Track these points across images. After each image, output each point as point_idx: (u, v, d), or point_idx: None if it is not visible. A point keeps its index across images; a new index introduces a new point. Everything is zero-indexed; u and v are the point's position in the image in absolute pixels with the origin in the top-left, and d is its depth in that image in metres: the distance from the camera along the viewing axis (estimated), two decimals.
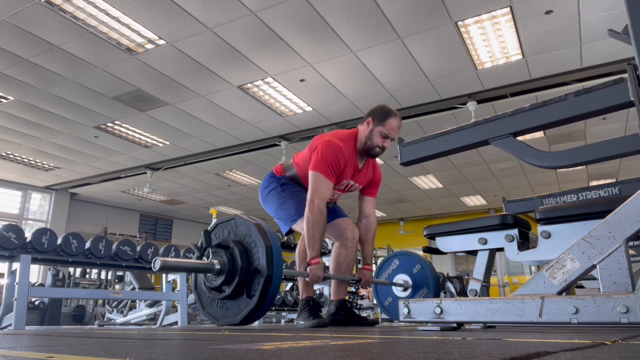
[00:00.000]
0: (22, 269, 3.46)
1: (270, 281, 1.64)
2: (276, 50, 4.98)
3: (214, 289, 1.75)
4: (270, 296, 1.65)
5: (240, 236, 1.77)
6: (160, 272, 1.55)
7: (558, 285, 1.33)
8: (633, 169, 9.05)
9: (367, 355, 0.73)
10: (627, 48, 1.47)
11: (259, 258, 1.68)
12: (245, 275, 1.68)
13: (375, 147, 2.46)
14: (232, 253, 1.71)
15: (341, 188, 2.57)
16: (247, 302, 1.68)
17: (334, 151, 2.36)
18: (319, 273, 2.25)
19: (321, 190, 2.31)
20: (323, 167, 2.33)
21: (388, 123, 2.45)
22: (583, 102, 1.47)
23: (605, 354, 0.74)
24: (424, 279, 2.70)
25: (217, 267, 1.71)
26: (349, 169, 2.47)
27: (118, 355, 0.79)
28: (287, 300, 5.44)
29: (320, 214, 2.28)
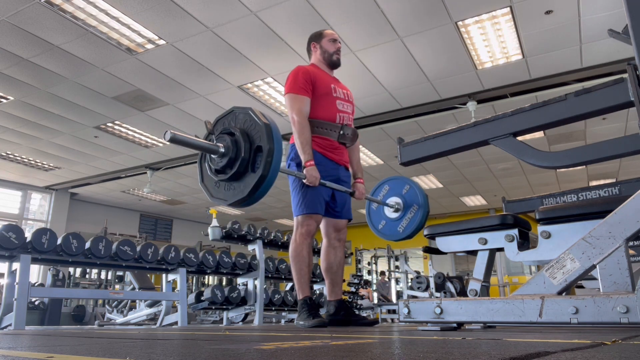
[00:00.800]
0: (22, 269, 3.46)
1: (272, 153, 1.73)
2: (276, 50, 4.98)
3: (220, 171, 1.84)
4: (273, 168, 1.74)
5: (240, 123, 1.84)
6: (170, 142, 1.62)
7: (558, 285, 1.33)
8: (633, 169, 9.05)
9: (367, 355, 0.73)
10: (627, 48, 1.47)
11: (259, 137, 1.77)
12: (248, 153, 1.78)
13: (333, 54, 2.75)
14: (235, 137, 1.82)
15: (340, 96, 2.69)
16: (253, 176, 1.77)
17: (297, 71, 2.59)
18: (315, 174, 2.36)
19: (296, 105, 2.50)
20: (292, 86, 2.53)
21: (325, 33, 2.79)
22: (583, 102, 1.47)
23: (605, 354, 0.74)
24: (414, 197, 2.76)
25: (222, 150, 1.81)
26: (324, 77, 2.67)
27: (118, 355, 0.79)
28: (287, 300, 5.44)
29: (300, 125, 2.46)
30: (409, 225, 2.73)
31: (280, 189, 9.92)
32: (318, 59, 2.78)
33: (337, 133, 2.59)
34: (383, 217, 2.88)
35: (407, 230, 2.73)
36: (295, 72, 2.59)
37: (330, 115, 2.60)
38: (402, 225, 2.76)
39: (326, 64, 2.77)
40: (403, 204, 2.78)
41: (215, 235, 4.70)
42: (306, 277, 2.55)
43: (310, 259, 2.56)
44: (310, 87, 2.56)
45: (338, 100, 2.66)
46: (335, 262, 2.65)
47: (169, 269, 4.53)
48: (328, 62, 2.76)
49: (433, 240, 2.19)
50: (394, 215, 2.82)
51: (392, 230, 2.83)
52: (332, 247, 2.66)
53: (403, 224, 2.76)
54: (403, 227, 2.75)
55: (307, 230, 2.53)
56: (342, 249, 2.70)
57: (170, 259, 4.47)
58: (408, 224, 2.73)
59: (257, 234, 5.09)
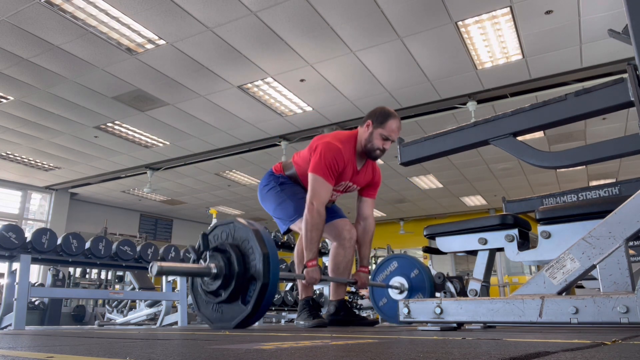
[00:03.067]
0: (22, 269, 3.46)
1: (266, 289, 1.64)
2: (276, 50, 4.98)
3: (210, 292, 1.76)
4: (265, 303, 1.66)
5: (238, 240, 1.77)
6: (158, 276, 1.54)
7: (558, 285, 1.33)
8: (633, 169, 9.05)
9: (367, 355, 0.73)
10: (627, 48, 1.47)
11: (255, 265, 1.68)
12: (241, 280, 1.69)
13: (376, 150, 2.47)
14: (229, 257, 1.72)
15: (340, 189, 2.57)
16: (242, 309, 1.68)
17: (333, 153, 2.36)
18: (316, 276, 2.27)
19: (320, 193, 2.32)
20: (322, 169, 2.34)
21: (388, 125, 2.45)
22: (583, 102, 1.47)
23: (605, 354, 0.74)
24: (421, 284, 2.71)
25: (214, 272, 1.71)
26: (348, 170, 2.47)
27: (118, 355, 0.79)
28: (287, 300, 5.44)
29: (319, 216, 2.29)
30: None
31: None
32: (360, 142, 2.50)
33: None
34: (386, 295, 2.84)
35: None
36: (330, 151, 2.37)
37: None
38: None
39: (363, 152, 2.52)
40: (408, 287, 2.72)
41: None
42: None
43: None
44: (337, 175, 2.41)
45: (336, 192, 2.55)
46: (343, 263, 2.57)
47: None
48: (366, 153, 2.51)
49: (433, 240, 2.19)
50: (397, 296, 2.75)
51: (391, 312, 2.79)
52: (342, 248, 2.56)
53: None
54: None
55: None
56: (352, 250, 2.60)
57: (170, 259, 4.47)
58: None
59: None
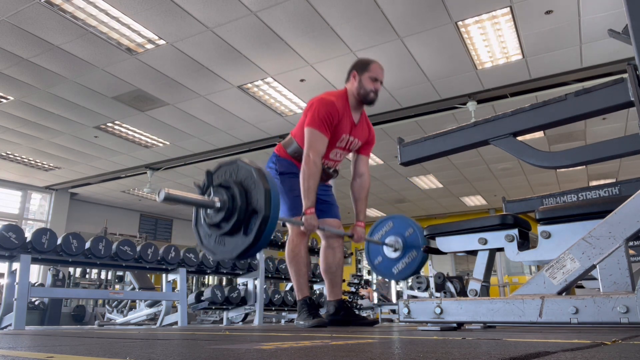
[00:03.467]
0: (22, 269, 3.46)
1: (267, 221, 1.70)
2: (276, 50, 4.98)
3: (213, 225, 1.83)
4: (265, 235, 1.72)
5: (241, 178, 1.84)
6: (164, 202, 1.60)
7: (558, 285, 1.33)
8: (633, 169, 9.05)
9: (367, 355, 0.73)
10: (627, 48, 1.46)
11: (257, 200, 1.75)
12: (243, 214, 1.75)
13: (370, 92, 2.56)
14: (233, 193, 1.78)
15: (342, 145, 2.62)
16: (244, 240, 1.75)
17: (327, 106, 2.45)
18: (314, 222, 2.34)
19: (316, 144, 2.42)
20: (317, 122, 2.42)
21: (372, 68, 2.57)
22: (583, 102, 1.47)
23: (605, 354, 0.74)
24: (415, 242, 2.75)
25: (218, 205, 1.78)
26: (345, 123, 2.54)
27: (118, 355, 0.79)
28: (287, 300, 5.44)
29: (315, 166, 2.39)
30: (405, 269, 2.72)
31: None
32: (352, 92, 2.59)
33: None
34: (381, 253, 2.87)
35: (402, 274, 2.74)
36: (323, 104, 2.45)
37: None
38: (397, 267, 2.76)
39: (358, 100, 2.59)
40: (403, 246, 2.76)
41: None
42: (305, 277, 2.55)
43: (308, 258, 2.56)
44: (332, 127, 2.47)
45: (337, 149, 2.60)
46: (334, 263, 2.65)
47: (169, 269, 4.54)
48: (362, 99, 2.58)
49: (433, 240, 2.19)
50: (392, 255, 2.80)
51: (387, 270, 2.83)
52: (331, 248, 2.66)
53: (399, 266, 2.75)
54: (399, 269, 2.75)
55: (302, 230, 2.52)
56: (341, 249, 2.69)
57: (170, 259, 4.47)
58: (404, 267, 2.73)
59: None
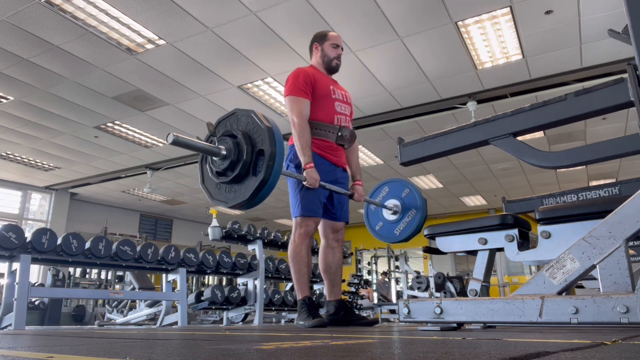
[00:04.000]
0: (22, 269, 3.46)
1: (274, 157, 1.73)
2: (276, 50, 4.98)
3: (221, 173, 1.84)
4: (274, 172, 1.74)
5: (242, 125, 1.84)
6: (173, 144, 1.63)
7: (558, 285, 1.33)
8: (633, 169, 9.05)
9: (367, 355, 0.73)
10: (627, 48, 1.46)
11: (262, 140, 1.77)
12: (250, 156, 1.78)
13: (333, 60, 2.74)
14: (237, 139, 1.81)
15: (339, 97, 2.70)
16: (254, 180, 1.76)
17: (297, 74, 2.58)
18: (315, 175, 2.38)
19: (296, 108, 2.51)
20: (292, 88, 2.54)
21: (330, 36, 2.76)
22: (583, 102, 1.47)
23: (605, 354, 0.74)
24: (412, 201, 2.76)
25: (224, 153, 1.81)
26: (323, 80, 2.66)
27: (118, 355, 0.79)
28: (287, 300, 5.44)
29: (300, 127, 2.47)
30: (406, 229, 2.73)
31: (281, 189, 9.91)
32: (317, 62, 2.78)
33: (335, 135, 2.61)
34: (381, 218, 2.89)
35: (404, 234, 2.74)
36: (295, 74, 2.60)
37: (328, 117, 2.62)
38: (399, 228, 2.77)
39: (324, 68, 2.77)
40: (402, 207, 2.79)
41: (215, 235, 4.70)
42: (305, 277, 2.56)
43: (309, 259, 2.57)
44: (310, 89, 2.57)
45: (337, 102, 2.68)
46: (334, 263, 2.67)
47: (169, 269, 4.53)
48: (327, 66, 2.76)
49: (433, 240, 2.19)
50: (391, 217, 2.82)
51: (389, 233, 2.84)
52: (330, 248, 2.68)
53: (400, 226, 2.76)
54: (400, 229, 2.76)
55: (305, 231, 2.54)
56: (341, 249, 2.72)
57: (170, 259, 4.47)
58: (405, 227, 2.74)
59: (257, 234, 5.09)
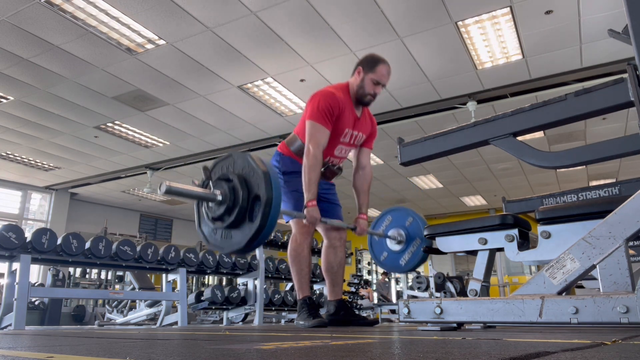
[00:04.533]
0: (22, 269, 3.46)
1: (270, 203, 1.69)
2: (276, 50, 4.98)
3: (217, 219, 1.82)
4: (271, 218, 1.70)
5: (238, 169, 1.83)
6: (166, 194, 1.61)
7: (558, 285, 1.33)
8: (633, 169, 9.05)
9: (367, 355, 0.73)
10: (627, 48, 1.46)
11: (258, 185, 1.74)
12: (246, 202, 1.75)
13: (367, 95, 2.54)
14: (233, 184, 1.78)
15: (347, 141, 2.60)
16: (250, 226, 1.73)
17: (327, 98, 2.43)
18: (316, 215, 2.32)
19: (316, 137, 2.40)
20: (317, 114, 2.41)
21: (378, 70, 2.52)
22: (583, 102, 1.47)
23: (605, 354, 0.74)
24: (417, 230, 2.74)
25: (219, 198, 1.78)
26: (347, 117, 2.52)
27: (118, 355, 0.79)
28: (287, 300, 5.44)
29: (315, 159, 2.37)
30: (412, 259, 2.71)
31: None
32: (353, 87, 2.56)
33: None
34: (385, 248, 2.86)
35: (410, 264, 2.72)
36: (324, 97, 2.44)
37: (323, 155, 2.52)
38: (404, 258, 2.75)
39: (356, 97, 2.56)
40: (406, 237, 2.75)
41: None
42: (306, 277, 2.55)
43: (310, 258, 2.56)
44: (333, 119, 2.45)
45: (341, 145, 2.59)
46: (336, 262, 2.66)
47: (169, 269, 4.53)
48: (359, 97, 2.56)
49: (433, 240, 2.19)
50: (396, 247, 2.79)
51: (394, 263, 2.82)
52: (333, 247, 2.67)
53: (405, 257, 2.75)
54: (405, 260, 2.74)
55: (306, 230, 2.53)
56: (343, 248, 2.70)
57: (170, 259, 4.46)
58: (411, 257, 2.72)
59: None
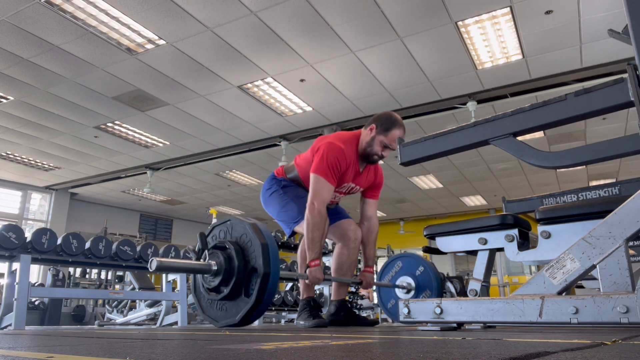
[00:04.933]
0: (22, 269, 3.46)
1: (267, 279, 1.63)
2: (276, 50, 4.98)
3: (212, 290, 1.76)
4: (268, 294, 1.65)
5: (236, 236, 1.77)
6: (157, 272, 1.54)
7: (558, 285, 1.33)
8: (633, 169, 9.05)
9: (367, 355, 0.73)
10: (627, 48, 1.47)
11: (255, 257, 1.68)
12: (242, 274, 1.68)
13: (374, 155, 2.47)
14: (229, 253, 1.72)
15: (342, 191, 2.56)
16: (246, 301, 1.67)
17: (335, 154, 2.35)
18: (319, 275, 2.25)
19: (322, 193, 2.31)
20: (324, 169, 2.33)
21: (391, 134, 2.43)
22: (583, 102, 1.47)
23: (605, 354, 0.74)
24: (427, 281, 2.69)
25: (214, 268, 1.71)
26: (350, 171, 2.46)
27: (118, 355, 0.79)
28: (287, 300, 5.44)
29: (320, 216, 2.28)
30: None
31: None
32: (361, 144, 2.48)
33: None
34: (394, 296, 2.80)
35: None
36: (332, 151, 2.36)
37: None
38: None
39: (362, 155, 2.49)
40: (415, 286, 2.69)
41: None
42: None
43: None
44: (339, 176, 2.40)
45: (336, 193, 2.53)
46: (347, 263, 2.56)
47: None
48: (365, 155, 2.49)
49: (433, 240, 2.19)
50: (405, 296, 2.72)
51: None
52: (347, 248, 2.56)
53: None
54: None
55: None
56: (356, 250, 2.60)
57: (170, 258, 4.47)
58: None
59: None
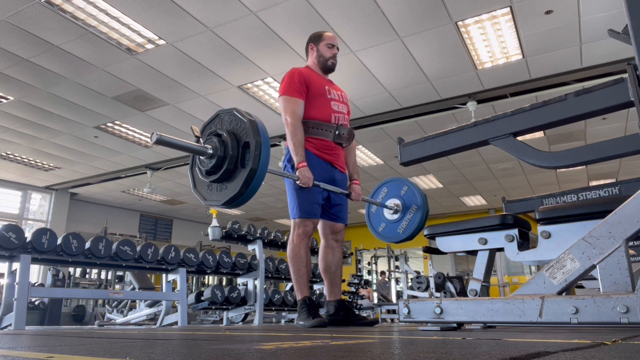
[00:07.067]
0: (22, 269, 3.46)
1: (259, 147, 1.77)
2: (276, 50, 4.98)
3: (210, 172, 1.88)
4: (262, 161, 1.77)
5: (226, 124, 1.91)
6: (156, 144, 1.64)
7: (558, 285, 1.33)
8: (633, 169, 9.05)
9: (367, 355, 0.73)
10: (627, 48, 1.47)
11: (246, 133, 1.82)
12: (236, 150, 1.82)
13: (329, 59, 2.77)
14: (222, 137, 1.86)
15: (335, 97, 2.70)
16: (243, 172, 1.80)
17: (292, 73, 2.62)
18: (308, 174, 2.38)
19: (289, 108, 2.53)
20: (286, 89, 2.57)
21: (325, 36, 2.80)
22: (583, 102, 1.47)
23: (605, 354, 0.74)
24: (412, 198, 2.75)
25: (210, 151, 1.85)
26: (318, 80, 2.67)
27: (118, 355, 0.79)
28: (287, 300, 5.44)
29: (294, 126, 2.50)
30: (409, 226, 2.73)
31: (280, 189, 9.92)
32: (313, 62, 2.80)
33: (333, 133, 2.61)
34: (383, 219, 2.88)
35: (407, 231, 2.73)
36: (290, 75, 2.62)
37: (325, 116, 2.62)
38: (401, 226, 2.76)
39: (320, 68, 2.79)
40: (402, 205, 2.78)
41: (215, 235, 4.70)
42: (305, 277, 2.56)
43: (309, 259, 2.58)
44: (305, 89, 2.59)
45: (333, 101, 2.68)
46: (334, 263, 2.67)
47: (169, 269, 4.53)
48: (322, 66, 2.78)
49: (433, 240, 2.19)
50: (393, 217, 2.81)
51: (392, 232, 2.83)
52: (330, 248, 2.69)
53: (403, 225, 2.75)
54: (403, 228, 2.75)
55: (304, 231, 2.55)
56: (340, 249, 2.72)
57: (170, 259, 4.46)
58: (408, 225, 2.73)
59: (257, 234, 5.09)
